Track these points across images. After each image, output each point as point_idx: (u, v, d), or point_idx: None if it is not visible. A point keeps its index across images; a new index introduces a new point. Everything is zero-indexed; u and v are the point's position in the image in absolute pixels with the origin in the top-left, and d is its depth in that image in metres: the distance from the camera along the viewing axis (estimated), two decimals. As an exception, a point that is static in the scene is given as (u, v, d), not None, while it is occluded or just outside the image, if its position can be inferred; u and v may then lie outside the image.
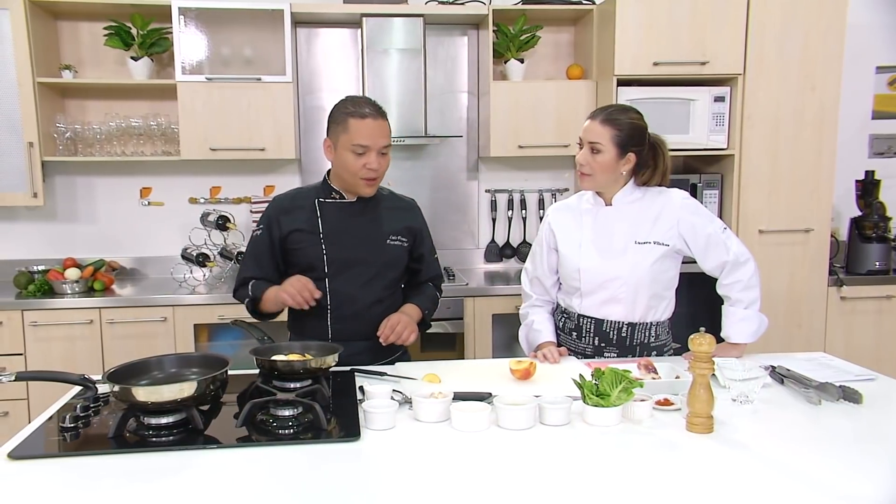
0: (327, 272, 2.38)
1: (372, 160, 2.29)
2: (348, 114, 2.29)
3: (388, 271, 2.46)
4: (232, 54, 3.84)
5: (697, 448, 1.65)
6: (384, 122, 2.32)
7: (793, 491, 1.43)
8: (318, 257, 2.38)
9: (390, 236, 2.45)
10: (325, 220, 2.41)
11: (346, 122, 2.28)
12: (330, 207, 2.43)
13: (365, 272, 2.39)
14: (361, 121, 2.26)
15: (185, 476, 1.52)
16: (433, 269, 2.63)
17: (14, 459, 1.59)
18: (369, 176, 2.31)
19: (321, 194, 2.45)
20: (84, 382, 1.84)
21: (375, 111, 2.30)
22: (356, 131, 2.27)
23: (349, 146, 2.28)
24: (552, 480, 1.49)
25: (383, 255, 2.44)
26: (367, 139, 2.27)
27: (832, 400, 1.91)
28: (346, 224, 2.41)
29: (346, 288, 2.37)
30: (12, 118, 3.63)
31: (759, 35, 3.75)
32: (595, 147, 2.31)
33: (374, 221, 2.45)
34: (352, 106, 2.30)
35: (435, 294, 2.60)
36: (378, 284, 2.41)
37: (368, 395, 1.88)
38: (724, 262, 2.39)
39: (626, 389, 1.77)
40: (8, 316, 3.47)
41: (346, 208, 2.43)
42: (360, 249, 2.39)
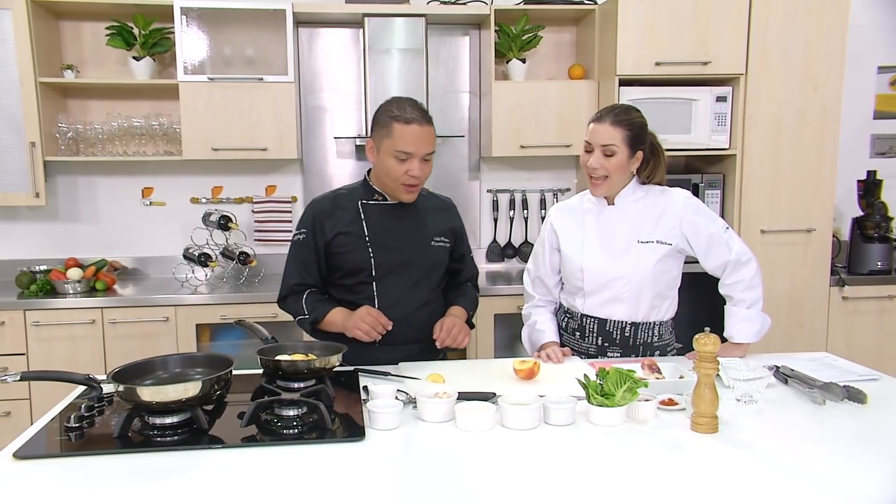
0: (375, 275, 2.35)
1: (414, 167, 2.24)
2: (393, 118, 2.23)
3: (433, 273, 2.44)
4: (234, 54, 3.84)
5: (702, 448, 1.65)
6: (430, 129, 2.26)
7: (798, 491, 1.43)
8: (366, 261, 2.34)
9: (434, 238, 2.43)
10: (370, 222, 2.37)
11: (391, 127, 2.23)
12: (373, 209, 2.39)
13: (412, 274, 2.37)
14: (406, 126, 2.20)
15: (191, 476, 1.52)
16: (471, 268, 2.62)
17: (19, 459, 1.59)
18: (411, 182, 2.27)
19: (363, 196, 2.41)
20: (89, 382, 1.84)
21: (422, 116, 2.24)
22: (400, 137, 2.21)
23: (392, 151, 2.23)
24: (557, 480, 1.49)
25: (428, 257, 2.41)
26: (411, 146, 2.22)
27: (836, 400, 1.91)
28: (391, 226, 2.38)
29: (394, 291, 2.34)
30: (14, 118, 3.63)
31: (761, 35, 3.75)
32: (609, 149, 2.30)
33: (418, 223, 2.42)
34: (397, 109, 2.23)
35: (475, 295, 2.59)
36: (425, 286, 2.40)
37: (373, 394, 1.88)
38: (726, 262, 2.39)
39: (631, 389, 1.77)
40: (10, 316, 3.47)
41: (389, 210, 2.39)
42: (407, 252, 2.36)
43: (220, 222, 3.82)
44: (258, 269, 4.07)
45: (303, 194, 4.25)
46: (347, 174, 4.26)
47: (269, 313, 3.58)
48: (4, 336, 3.47)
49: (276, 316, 3.58)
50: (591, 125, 2.35)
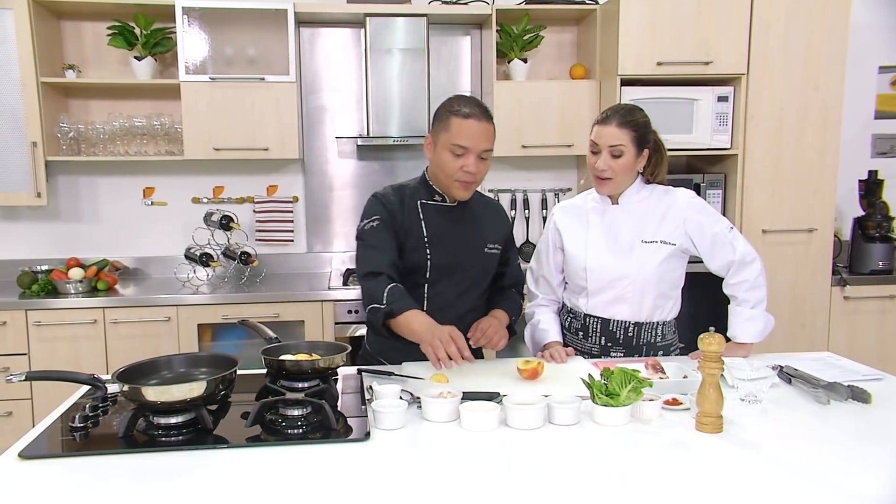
0: (428, 278, 2.32)
1: (470, 163, 2.21)
2: (452, 112, 2.21)
3: (483, 279, 2.42)
4: (235, 54, 3.84)
5: (708, 448, 1.65)
6: (488, 126, 2.23)
7: (804, 490, 1.43)
8: (422, 262, 2.30)
9: (488, 244, 2.41)
10: (429, 223, 2.33)
11: (449, 121, 2.21)
12: (431, 210, 2.35)
13: (463, 280, 2.34)
14: (464, 120, 2.19)
15: (196, 476, 1.52)
16: (516, 274, 2.57)
17: (25, 459, 1.59)
18: (465, 179, 2.23)
19: (424, 195, 2.36)
20: (93, 382, 1.84)
21: (481, 112, 2.22)
22: (457, 131, 2.19)
23: (448, 145, 2.21)
24: (563, 480, 1.49)
25: (481, 263, 2.40)
26: (468, 140, 2.19)
27: (841, 400, 1.91)
28: (448, 229, 2.35)
29: (445, 295, 2.31)
30: (16, 118, 3.63)
31: (762, 35, 3.75)
32: (616, 150, 2.29)
33: (474, 228, 2.39)
34: (457, 104, 2.22)
35: (520, 301, 2.55)
36: (474, 293, 2.38)
37: (377, 394, 1.88)
38: (730, 262, 2.39)
39: (636, 389, 1.77)
40: (12, 316, 3.47)
41: (447, 212, 2.36)
42: (461, 256, 2.33)
43: (221, 222, 3.82)
44: (259, 268, 4.06)
45: (304, 194, 4.25)
46: (349, 174, 4.26)
47: (272, 313, 3.58)
48: (6, 336, 3.47)
49: (277, 316, 3.59)
50: (597, 127, 2.34)
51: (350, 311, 3.65)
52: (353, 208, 4.27)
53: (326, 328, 3.66)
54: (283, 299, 3.64)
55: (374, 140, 3.99)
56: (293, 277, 4.10)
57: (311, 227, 4.28)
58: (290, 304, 3.64)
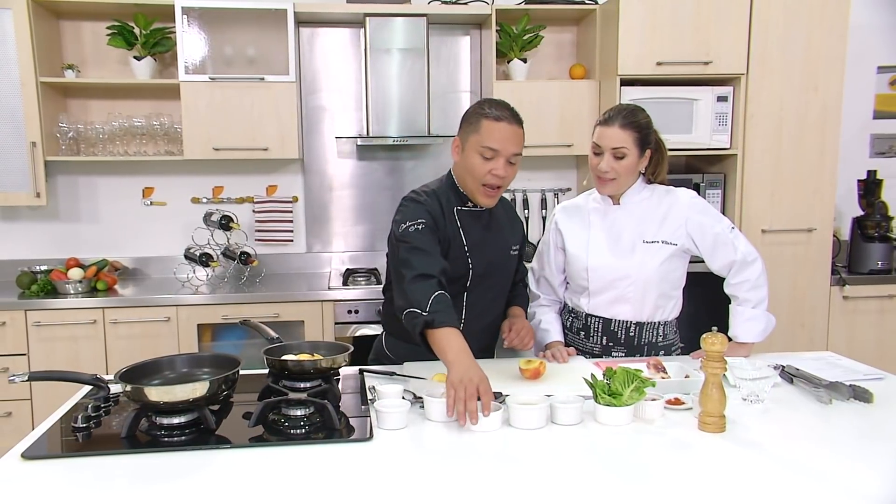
0: (468, 286, 2.30)
1: (499, 166, 2.17)
2: (482, 115, 2.18)
3: (509, 282, 2.43)
4: (235, 54, 3.83)
5: (710, 447, 1.66)
6: (518, 129, 2.20)
7: (808, 489, 1.44)
8: (464, 270, 2.28)
9: (512, 247, 2.41)
10: (466, 231, 2.30)
11: (479, 123, 2.18)
12: (467, 217, 2.31)
13: (496, 285, 2.34)
14: (495, 123, 2.15)
15: (199, 476, 1.52)
16: (524, 270, 2.60)
17: (27, 459, 1.59)
18: (493, 183, 2.19)
19: (457, 202, 2.31)
20: (96, 382, 1.84)
21: (511, 116, 2.18)
22: (488, 133, 2.16)
23: (478, 147, 2.17)
24: (566, 479, 1.50)
25: (508, 267, 2.40)
26: (498, 143, 2.15)
27: (843, 399, 1.92)
28: (483, 236, 2.33)
29: (482, 301, 2.29)
30: (15, 118, 3.62)
31: (762, 35, 3.76)
32: (619, 152, 2.29)
33: (501, 232, 2.39)
34: (488, 107, 2.19)
35: (528, 295, 2.58)
36: (504, 296, 2.38)
37: (380, 394, 1.88)
38: (731, 262, 2.39)
39: (639, 389, 1.78)
40: (11, 316, 3.46)
41: (478, 219, 2.33)
42: (495, 262, 2.33)
43: (221, 222, 3.81)
44: (259, 269, 4.06)
45: (303, 194, 4.25)
46: (348, 174, 4.25)
47: (272, 313, 3.58)
48: (6, 336, 3.46)
49: (277, 316, 3.58)
50: (599, 128, 2.33)
51: (350, 311, 3.65)
52: (353, 208, 4.27)
53: (326, 328, 3.65)
54: (283, 299, 3.64)
55: (373, 140, 3.98)
56: (293, 277, 4.10)
57: (310, 228, 4.28)
58: (289, 305, 3.63)
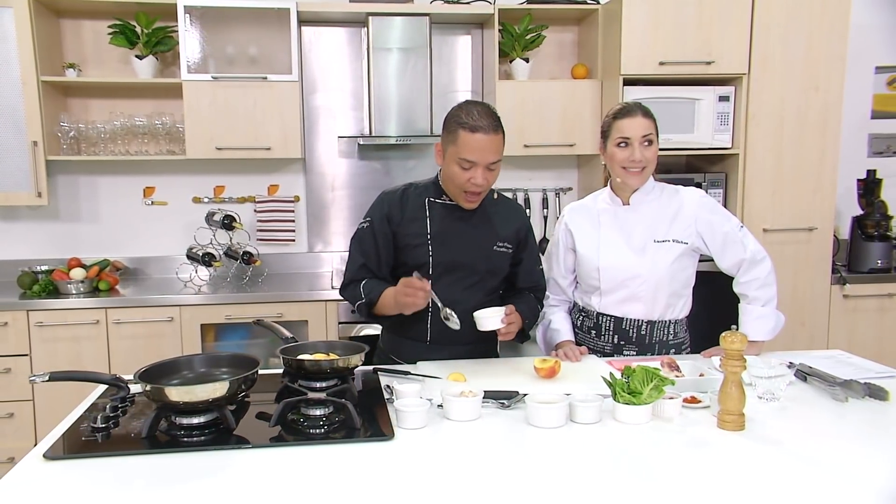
0: (432, 274, 2.31)
1: (477, 175, 2.20)
2: (460, 124, 2.19)
3: (491, 278, 2.41)
4: (237, 53, 3.82)
5: (731, 445, 1.67)
6: (496, 137, 2.20)
7: (828, 485, 1.45)
8: (424, 259, 2.32)
9: (497, 243, 2.40)
10: (434, 221, 2.34)
11: (457, 133, 2.19)
12: (439, 208, 2.36)
13: (468, 277, 2.34)
14: (471, 135, 2.16)
15: (220, 477, 1.52)
16: (534, 277, 2.52)
17: (49, 460, 1.58)
18: (473, 190, 2.24)
19: (432, 194, 2.38)
20: (116, 382, 1.83)
21: (489, 125, 2.18)
22: (465, 145, 2.17)
23: (456, 158, 2.20)
24: (587, 477, 1.50)
25: (489, 262, 2.39)
26: (475, 154, 2.17)
27: (858, 397, 1.93)
28: (454, 227, 2.35)
29: (449, 292, 2.29)
30: (16, 117, 3.59)
31: (763, 35, 3.77)
32: (648, 139, 2.32)
33: (484, 227, 2.39)
34: (465, 116, 2.19)
35: (536, 304, 2.50)
36: (480, 290, 2.37)
37: (399, 394, 1.88)
38: (741, 261, 2.41)
39: (657, 387, 1.78)
40: (13, 316, 3.44)
41: (455, 211, 2.36)
42: (467, 254, 2.33)
43: (224, 222, 3.79)
44: (261, 268, 4.05)
45: (305, 194, 4.24)
46: (350, 174, 4.25)
47: (275, 313, 3.57)
48: (8, 337, 3.43)
49: (281, 315, 3.57)
50: (622, 121, 2.34)
51: (353, 311, 3.63)
52: (354, 208, 4.26)
53: (330, 328, 3.65)
54: (287, 299, 3.63)
55: (375, 140, 3.98)
56: (295, 277, 4.09)
57: (312, 227, 4.27)
58: (293, 304, 3.62)
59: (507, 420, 1.82)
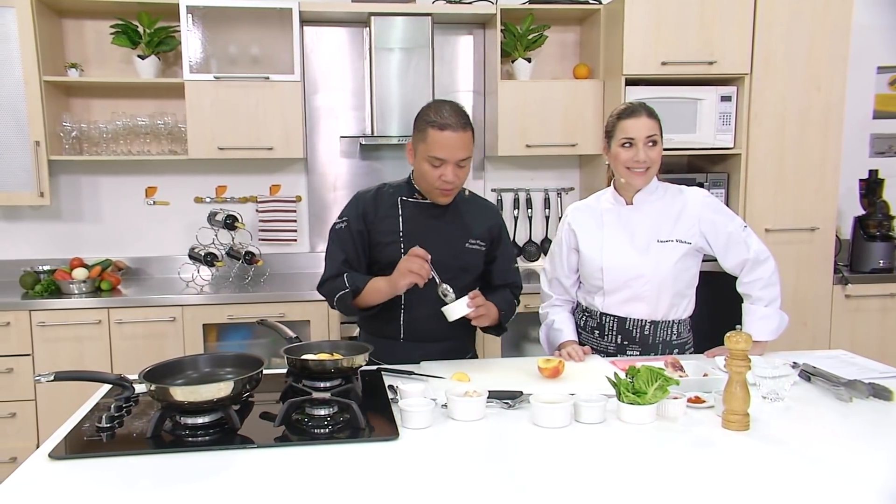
0: None
1: (448, 173, 2.23)
2: (429, 123, 2.22)
3: (464, 275, 2.41)
4: (239, 53, 3.82)
5: (736, 445, 1.67)
6: (465, 134, 2.23)
7: (834, 485, 1.45)
8: (396, 256, 2.33)
9: (469, 240, 2.41)
10: (406, 219, 2.38)
11: (426, 132, 2.23)
12: (411, 207, 2.40)
13: (442, 273, 2.32)
14: (440, 133, 2.20)
15: (225, 476, 1.52)
16: (509, 275, 2.54)
17: (54, 459, 1.58)
18: (444, 187, 2.28)
19: (405, 193, 2.42)
20: (121, 382, 1.83)
21: (457, 122, 2.21)
22: (434, 143, 2.21)
23: (426, 156, 2.24)
24: (592, 477, 1.51)
25: (461, 259, 2.40)
26: (444, 152, 2.21)
27: (862, 397, 1.93)
28: (426, 225, 2.38)
29: (423, 289, 2.29)
30: (19, 117, 3.59)
31: (765, 35, 3.78)
32: (652, 140, 2.33)
33: (455, 224, 2.41)
34: (434, 114, 2.23)
35: (512, 299, 2.52)
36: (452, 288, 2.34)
37: (403, 394, 1.88)
38: (744, 261, 2.41)
39: (662, 387, 1.78)
40: (15, 316, 3.44)
41: (427, 209, 2.39)
42: (439, 251, 2.32)
43: (226, 222, 3.80)
44: (263, 268, 4.05)
45: (307, 194, 4.24)
46: (352, 174, 4.25)
47: (277, 313, 3.57)
48: (10, 336, 3.43)
49: (283, 315, 3.57)
50: (626, 121, 2.34)
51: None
52: (356, 208, 4.25)
53: (332, 328, 3.65)
54: (289, 299, 3.63)
55: (377, 139, 3.98)
56: (297, 277, 4.09)
57: (313, 227, 4.27)
58: (295, 304, 3.62)
59: (511, 420, 1.82)
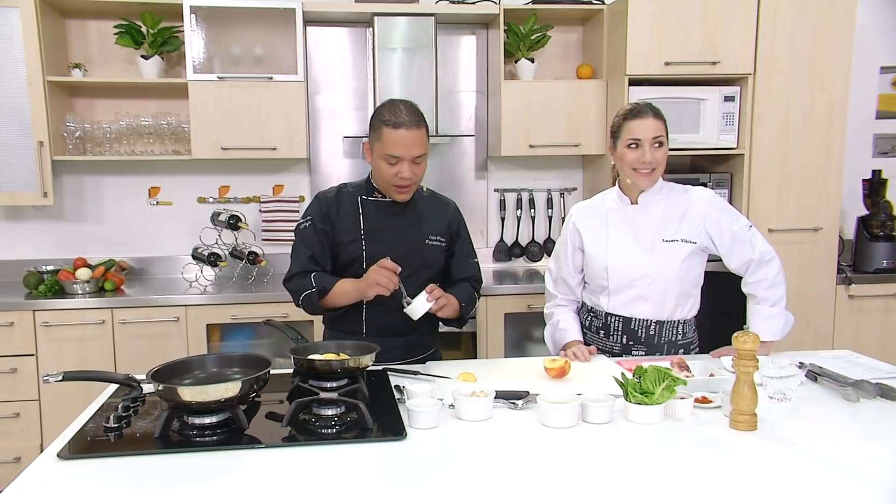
0: (365, 269, 2.36)
1: (404, 170, 2.27)
2: (383, 122, 2.26)
3: (424, 271, 2.45)
4: (243, 53, 3.82)
5: (744, 445, 1.67)
6: (418, 132, 2.27)
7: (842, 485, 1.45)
8: (358, 254, 2.39)
9: (429, 236, 2.46)
10: (367, 218, 2.42)
11: (381, 131, 2.27)
12: (371, 206, 2.44)
13: (402, 271, 2.34)
14: (394, 131, 2.24)
15: (233, 476, 1.52)
16: (468, 269, 2.57)
17: (63, 459, 1.58)
18: (401, 184, 2.31)
19: (364, 192, 2.46)
20: (129, 382, 1.83)
21: (411, 120, 2.25)
22: (388, 141, 2.25)
23: (382, 154, 2.28)
24: (599, 477, 1.51)
25: (421, 255, 2.43)
26: (399, 149, 2.25)
27: (869, 397, 1.93)
28: (386, 223, 2.42)
29: None
30: (22, 117, 3.59)
31: (769, 35, 3.77)
32: (659, 141, 2.33)
33: (414, 221, 2.45)
34: (388, 113, 2.27)
35: (472, 291, 2.54)
36: (414, 283, 2.38)
37: (411, 394, 1.88)
38: (749, 260, 2.41)
39: (670, 387, 1.78)
40: (19, 316, 3.43)
41: (387, 207, 2.43)
42: (399, 248, 2.37)
43: (229, 222, 3.80)
44: (267, 269, 4.05)
45: (310, 194, 4.24)
46: (355, 173, 4.24)
47: (281, 313, 3.56)
48: (14, 337, 3.43)
49: (287, 316, 3.57)
50: (633, 122, 2.34)
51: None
52: (359, 208, 4.26)
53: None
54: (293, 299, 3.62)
55: (380, 139, 3.97)
56: (300, 277, 4.08)
57: (316, 227, 4.26)
58: (299, 304, 3.62)
59: (518, 420, 1.82)
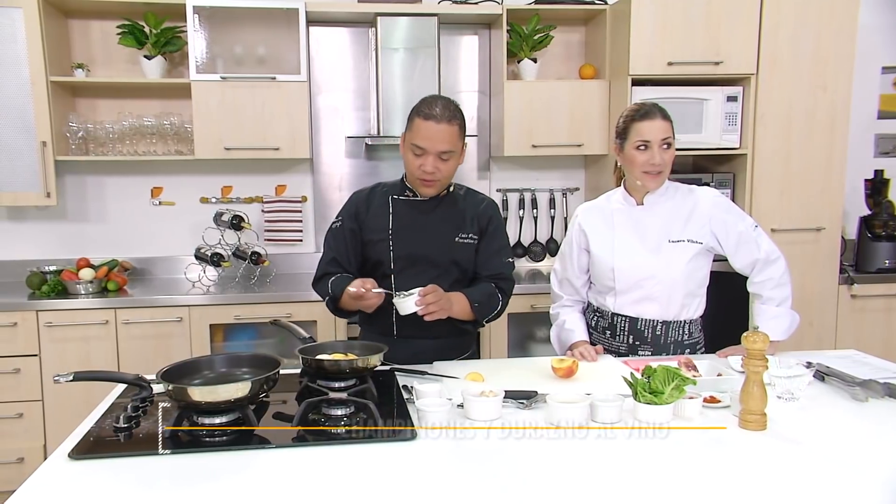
0: (393, 269, 2.37)
1: (427, 163, 2.26)
2: (416, 112, 2.28)
3: (455, 269, 2.41)
4: (246, 53, 3.82)
5: (753, 444, 1.67)
6: (448, 127, 2.24)
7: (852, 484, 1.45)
8: (385, 254, 2.38)
9: (460, 234, 2.41)
10: (396, 217, 2.41)
11: (413, 121, 2.28)
12: (402, 205, 2.43)
13: (431, 270, 2.36)
14: (424, 122, 2.24)
15: (243, 476, 1.52)
16: (494, 266, 2.46)
17: (74, 459, 1.58)
18: (424, 178, 2.29)
19: (397, 191, 2.45)
20: (139, 382, 1.82)
21: (442, 114, 2.23)
22: (416, 131, 2.25)
23: (410, 145, 2.29)
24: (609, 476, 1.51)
25: (451, 253, 2.40)
26: (425, 141, 2.24)
27: (878, 397, 1.94)
28: (415, 222, 2.40)
29: (412, 285, 2.28)
30: (25, 117, 3.59)
31: (772, 35, 3.78)
32: (667, 142, 2.34)
33: (446, 219, 2.42)
34: (424, 106, 2.27)
35: (492, 289, 2.43)
36: (447, 280, 2.36)
37: (420, 393, 1.88)
38: (755, 260, 2.41)
39: (679, 387, 1.78)
40: (23, 317, 3.43)
41: (418, 206, 2.42)
42: (427, 247, 2.36)
43: (232, 222, 3.79)
44: (269, 269, 4.05)
45: (313, 194, 4.24)
46: (357, 174, 4.25)
47: (284, 313, 3.57)
48: (17, 337, 3.43)
49: (290, 315, 3.57)
50: (641, 124, 2.34)
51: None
52: (362, 208, 4.26)
53: (339, 328, 3.65)
54: (296, 299, 3.63)
55: (382, 140, 3.98)
56: (302, 277, 4.08)
57: (319, 227, 4.26)
58: (302, 304, 3.62)
59: (527, 420, 1.82)
